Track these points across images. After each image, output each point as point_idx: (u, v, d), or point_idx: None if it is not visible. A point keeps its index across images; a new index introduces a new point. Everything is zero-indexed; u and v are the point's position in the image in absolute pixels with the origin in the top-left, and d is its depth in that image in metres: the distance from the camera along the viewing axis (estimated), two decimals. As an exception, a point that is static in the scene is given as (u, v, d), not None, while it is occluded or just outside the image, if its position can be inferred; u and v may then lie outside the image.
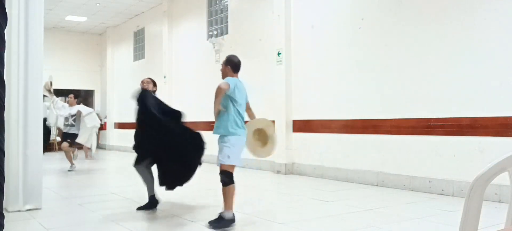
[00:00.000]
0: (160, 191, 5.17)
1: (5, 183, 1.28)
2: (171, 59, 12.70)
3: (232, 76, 4.33)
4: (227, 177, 4.14)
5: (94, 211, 5.11)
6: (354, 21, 7.13)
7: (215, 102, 4.16)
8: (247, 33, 9.61)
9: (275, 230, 4.28)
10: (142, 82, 5.25)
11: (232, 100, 4.18)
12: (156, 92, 5.39)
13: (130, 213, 4.87)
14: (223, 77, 4.34)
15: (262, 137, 4.70)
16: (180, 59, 12.34)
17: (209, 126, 10.71)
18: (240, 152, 4.25)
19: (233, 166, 4.18)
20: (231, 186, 4.14)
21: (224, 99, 4.19)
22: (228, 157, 4.15)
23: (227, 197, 4.13)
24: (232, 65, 4.39)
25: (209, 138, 11.99)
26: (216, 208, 5.24)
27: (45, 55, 5.23)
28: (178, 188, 5.12)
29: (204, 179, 8.21)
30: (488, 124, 5.36)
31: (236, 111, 4.21)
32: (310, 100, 7.93)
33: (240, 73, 4.49)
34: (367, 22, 6.91)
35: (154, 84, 5.39)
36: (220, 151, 4.23)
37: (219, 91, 4.11)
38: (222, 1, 10.55)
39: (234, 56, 4.50)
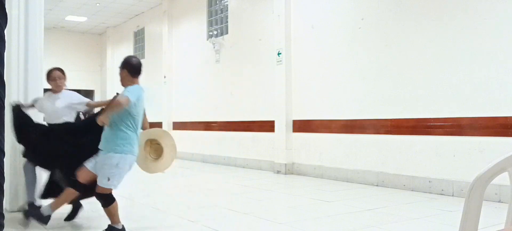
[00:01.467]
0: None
1: (5, 182, 1.28)
2: (171, 59, 12.70)
3: (131, 81, 3.68)
4: (105, 200, 3.62)
5: (93, 211, 5.10)
6: (354, 21, 7.13)
7: (106, 114, 3.48)
8: (247, 33, 9.61)
9: (275, 230, 4.28)
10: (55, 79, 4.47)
11: (129, 114, 3.54)
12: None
13: (129, 213, 4.86)
14: (122, 83, 3.73)
15: (156, 148, 4.13)
16: (180, 59, 12.34)
17: (208, 126, 10.76)
18: (123, 174, 3.63)
19: (110, 189, 3.62)
20: (112, 205, 3.63)
21: (119, 113, 3.53)
22: (108, 179, 3.54)
23: (111, 215, 3.66)
24: (129, 68, 3.71)
25: (208, 139, 11.90)
26: (215, 208, 5.25)
27: (45, 55, 5.22)
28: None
29: (204, 179, 8.22)
30: (488, 124, 5.36)
31: (130, 127, 3.57)
32: (310, 100, 7.93)
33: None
34: (367, 22, 6.91)
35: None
36: (100, 167, 3.58)
37: (116, 107, 3.42)
38: (222, 1, 10.55)
39: (133, 57, 3.85)
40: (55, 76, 4.44)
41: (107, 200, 3.63)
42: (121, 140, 3.54)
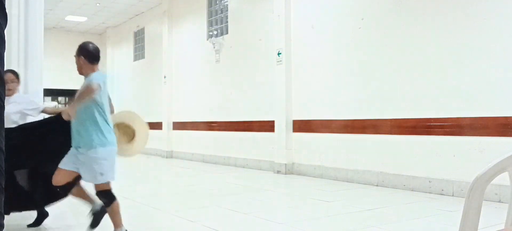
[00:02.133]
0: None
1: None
2: (171, 59, 12.70)
3: (91, 69, 3.50)
4: (107, 197, 3.52)
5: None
6: (354, 21, 7.13)
7: (73, 105, 3.35)
8: (247, 33, 9.61)
9: (275, 230, 4.28)
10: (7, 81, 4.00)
11: (96, 104, 3.38)
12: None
13: (129, 213, 4.86)
14: (81, 71, 3.57)
15: (128, 132, 3.97)
16: (180, 59, 12.35)
17: (208, 126, 10.75)
18: (113, 164, 3.51)
19: (109, 183, 3.52)
20: (114, 203, 3.53)
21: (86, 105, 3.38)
22: (101, 174, 3.41)
23: (114, 215, 3.54)
24: (86, 54, 3.50)
25: (208, 139, 11.87)
26: (215, 208, 5.25)
27: (45, 55, 5.23)
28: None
29: (204, 179, 8.21)
30: (488, 124, 5.36)
31: (101, 117, 3.41)
32: (310, 100, 7.93)
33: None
34: (367, 22, 6.91)
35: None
36: (87, 167, 3.43)
37: (89, 93, 3.28)
38: (222, 1, 10.55)
39: (90, 43, 3.61)
40: (6, 80, 3.96)
41: (109, 197, 3.52)
42: (96, 133, 3.37)
